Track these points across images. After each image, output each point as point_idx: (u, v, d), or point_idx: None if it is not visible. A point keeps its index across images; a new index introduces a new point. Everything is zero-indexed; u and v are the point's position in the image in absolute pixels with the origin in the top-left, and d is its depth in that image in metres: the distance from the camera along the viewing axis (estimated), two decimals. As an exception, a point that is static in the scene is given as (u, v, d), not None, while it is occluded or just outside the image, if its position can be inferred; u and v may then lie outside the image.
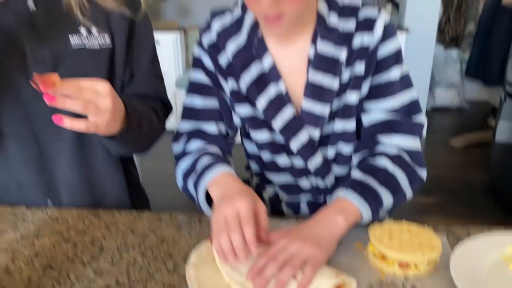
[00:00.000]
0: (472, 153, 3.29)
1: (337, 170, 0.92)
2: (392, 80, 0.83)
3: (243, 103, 0.86)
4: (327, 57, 0.81)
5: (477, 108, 4.37)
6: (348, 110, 0.84)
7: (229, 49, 0.84)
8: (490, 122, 3.80)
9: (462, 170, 3.02)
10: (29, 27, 0.81)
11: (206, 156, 0.83)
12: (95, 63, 0.85)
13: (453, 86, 4.29)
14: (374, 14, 0.81)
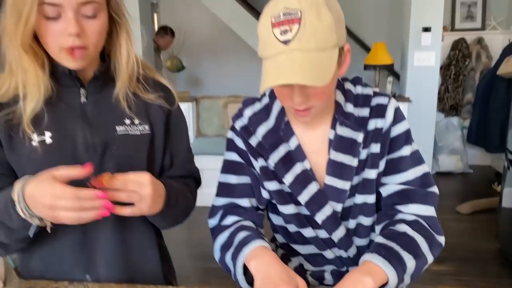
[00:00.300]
0: (480, 219, 3.31)
1: (358, 242, 0.99)
2: (404, 156, 0.93)
3: (271, 180, 0.95)
4: (346, 139, 0.91)
5: (481, 173, 4.44)
6: (368, 185, 0.93)
7: (259, 132, 0.95)
8: (495, 187, 3.85)
9: (472, 236, 3.03)
10: (80, 118, 0.91)
11: (243, 230, 0.90)
12: (137, 147, 0.95)
13: (456, 152, 4.40)
14: (385, 101, 0.93)
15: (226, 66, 5.03)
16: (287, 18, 0.75)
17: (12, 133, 0.87)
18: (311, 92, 0.82)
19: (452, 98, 4.52)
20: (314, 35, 0.75)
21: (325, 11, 0.76)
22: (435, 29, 3.40)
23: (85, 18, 0.82)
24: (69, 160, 0.87)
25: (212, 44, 4.97)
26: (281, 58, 0.76)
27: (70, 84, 0.90)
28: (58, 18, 0.81)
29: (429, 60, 3.48)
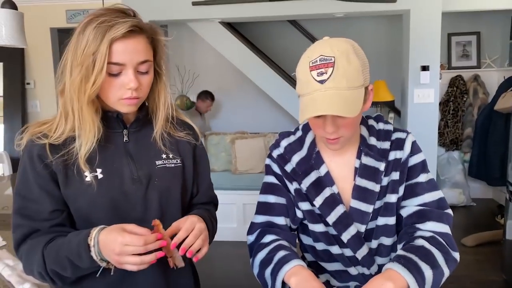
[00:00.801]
0: (485, 251, 3.36)
1: (380, 261, 1.10)
2: (421, 182, 1.07)
3: (304, 201, 1.08)
4: (370, 167, 1.06)
5: (483, 206, 4.51)
6: (389, 208, 1.06)
7: (293, 160, 1.10)
8: (499, 220, 3.91)
9: (477, 268, 3.08)
10: (125, 155, 1.04)
11: (282, 250, 1.01)
12: (173, 178, 1.07)
13: (458, 186, 4.49)
14: (404, 136, 1.10)
15: (232, 104, 5.21)
16: (323, 63, 0.93)
17: (68, 171, 0.97)
18: (341, 123, 0.97)
19: (452, 132, 4.65)
20: (345, 76, 0.92)
21: (353, 57, 0.94)
22: (433, 67, 3.57)
23: (140, 74, 0.97)
24: (118, 192, 0.99)
25: (218, 82, 5.16)
26: (317, 94, 0.93)
27: (116, 127, 1.04)
28: (119, 74, 0.95)
29: (428, 97, 3.63)
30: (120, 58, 0.93)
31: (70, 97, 0.95)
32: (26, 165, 0.98)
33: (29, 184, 0.97)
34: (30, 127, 1.01)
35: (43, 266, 0.93)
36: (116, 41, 0.92)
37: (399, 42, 4.04)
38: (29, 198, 0.97)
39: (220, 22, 4.24)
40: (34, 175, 0.96)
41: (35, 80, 4.29)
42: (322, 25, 5.03)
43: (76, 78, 0.93)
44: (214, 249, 1.45)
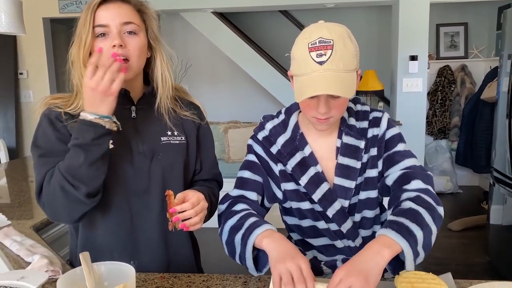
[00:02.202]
0: (470, 235, 3.48)
1: (363, 233, 1.17)
2: (399, 150, 1.13)
3: (289, 181, 1.14)
4: (350, 146, 1.13)
5: (469, 193, 4.63)
6: (370, 182, 1.14)
7: (278, 142, 1.15)
8: (484, 206, 4.04)
9: (463, 251, 3.19)
10: (133, 129, 1.11)
11: (252, 216, 1.05)
12: (177, 153, 1.15)
13: (445, 173, 4.60)
14: (379, 114, 1.16)
15: (225, 93, 5.26)
16: (322, 45, 0.98)
17: None
18: (333, 104, 1.03)
19: (440, 121, 4.75)
20: (342, 59, 0.98)
21: (349, 42, 1.00)
22: (421, 57, 3.66)
23: (126, 35, 1.04)
24: (126, 163, 1.08)
25: (211, 73, 5.21)
26: (316, 75, 0.98)
27: (124, 103, 1.10)
28: (106, 36, 1.03)
29: (416, 86, 3.72)
30: (102, 19, 1.03)
31: (75, 70, 1.05)
32: (45, 126, 1.06)
33: (50, 138, 1.04)
34: (46, 98, 1.10)
35: (59, 176, 0.97)
36: (99, 7, 1.03)
37: (389, 32, 4.12)
38: (50, 149, 1.03)
39: (213, 12, 4.27)
40: (54, 132, 1.04)
41: (28, 70, 4.29)
42: (312, 15, 5.08)
43: (74, 49, 1.04)
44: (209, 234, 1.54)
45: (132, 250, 1.11)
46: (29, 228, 1.39)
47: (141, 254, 1.12)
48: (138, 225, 1.11)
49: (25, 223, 1.44)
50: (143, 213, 1.11)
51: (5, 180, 2.37)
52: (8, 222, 1.42)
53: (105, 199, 1.06)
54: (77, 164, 0.96)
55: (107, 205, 1.08)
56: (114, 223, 1.10)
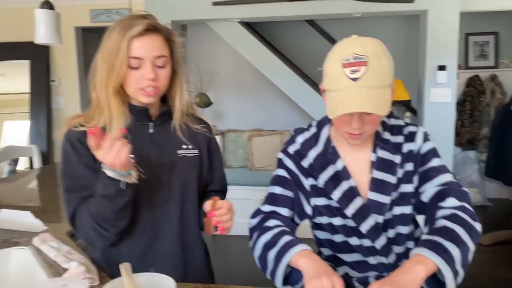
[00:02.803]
0: (501, 250, 3.38)
1: (397, 249, 1.15)
2: (434, 166, 1.12)
3: (320, 196, 1.14)
4: (386, 161, 1.12)
5: (499, 206, 4.51)
6: (405, 197, 1.12)
7: (310, 156, 1.15)
8: (514, 220, 3.92)
9: (493, 266, 3.10)
10: (151, 144, 1.18)
11: (287, 235, 1.06)
12: (192, 165, 1.23)
13: (474, 185, 4.49)
14: (415, 129, 1.16)
15: (249, 101, 5.29)
16: (356, 61, 0.97)
17: None
18: (367, 120, 1.03)
19: (468, 132, 4.65)
20: (376, 75, 0.98)
21: (384, 57, 1.00)
22: (450, 67, 3.59)
23: (157, 68, 1.11)
24: (148, 176, 1.13)
25: (236, 81, 5.25)
26: (349, 91, 0.98)
27: (143, 119, 1.18)
28: (138, 68, 1.09)
29: (445, 97, 3.66)
30: (138, 52, 1.07)
31: (99, 90, 1.11)
32: (68, 149, 1.12)
33: (74, 164, 1.11)
34: (66, 119, 1.16)
35: (89, 219, 1.06)
36: (135, 38, 1.07)
37: (416, 41, 4.06)
38: (75, 176, 1.11)
39: (239, 22, 4.31)
40: (76, 156, 1.11)
41: (59, 78, 4.43)
42: (339, 25, 5.07)
43: (103, 73, 1.09)
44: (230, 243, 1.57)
45: (151, 257, 1.17)
46: (64, 234, 1.43)
47: (159, 261, 1.17)
48: (158, 234, 1.18)
49: (60, 229, 1.48)
50: (163, 222, 1.18)
51: (35, 183, 2.44)
52: (44, 228, 1.47)
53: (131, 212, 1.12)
54: (104, 212, 1.04)
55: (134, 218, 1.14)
56: (136, 232, 1.16)
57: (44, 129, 4.37)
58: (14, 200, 2.00)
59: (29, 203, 1.95)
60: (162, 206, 1.17)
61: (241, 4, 3.82)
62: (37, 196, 2.10)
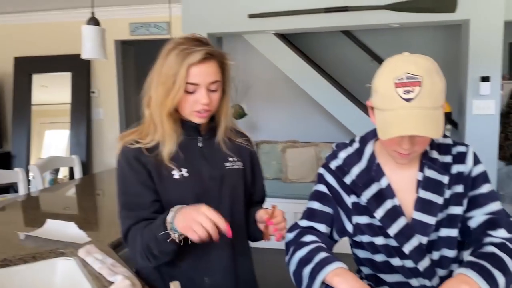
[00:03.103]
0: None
1: (440, 272, 1.10)
2: (484, 192, 1.08)
3: (362, 214, 1.10)
4: (433, 180, 1.08)
5: (547, 224, 4.28)
6: (452, 220, 1.08)
7: (353, 172, 1.12)
8: None
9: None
10: (201, 157, 1.23)
11: (323, 251, 1.04)
12: (239, 177, 1.28)
13: (518, 201, 4.29)
14: (464, 149, 1.11)
15: (283, 113, 5.28)
16: (410, 81, 0.94)
17: (160, 170, 1.17)
18: (417, 141, 1.00)
19: (512, 146, 4.46)
20: (430, 96, 0.94)
21: (437, 77, 0.96)
22: (494, 78, 3.46)
23: (210, 92, 1.16)
24: (200, 188, 1.19)
25: (270, 92, 5.25)
26: (402, 112, 0.95)
27: (193, 135, 1.24)
28: (193, 92, 1.15)
29: (488, 109, 3.52)
30: (195, 79, 1.13)
31: (154, 110, 1.17)
32: (124, 167, 1.18)
33: (130, 182, 1.17)
34: (122, 136, 1.22)
35: (141, 245, 1.10)
36: (193, 65, 1.11)
37: (456, 52, 3.95)
38: (132, 193, 1.17)
39: (274, 33, 4.33)
40: (132, 174, 1.16)
41: (99, 89, 4.57)
42: (375, 35, 5.00)
43: (160, 94, 1.14)
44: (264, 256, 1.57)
45: (204, 267, 1.20)
46: (107, 245, 1.45)
47: (213, 271, 1.21)
48: (210, 245, 1.15)
49: (103, 240, 1.50)
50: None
51: (74, 191, 2.51)
52: (88, 239, 1.49)
53: None
54: (154, 249, 1.09)
55: None
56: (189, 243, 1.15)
57: (84, 140, 4.51)
58: (56, 209, 2.06)
59: (67, 210, 2.00)
60: None
61: (277, 16, 3.83)
62: (74, 203, 2.15)
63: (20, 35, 4.66)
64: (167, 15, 4.05)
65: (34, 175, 2.68)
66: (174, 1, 3.90)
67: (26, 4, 4.20)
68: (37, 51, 4.61)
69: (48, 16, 4.54)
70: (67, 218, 1.81)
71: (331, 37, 5.10)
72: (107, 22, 4.29)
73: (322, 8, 3.71)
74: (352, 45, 5.00)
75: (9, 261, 1.33)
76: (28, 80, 4.62)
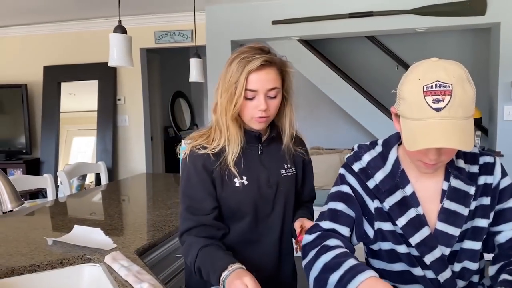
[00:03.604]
0: None
1: (460, 283, 1.06)
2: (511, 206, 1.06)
3: (385, 221, 1.06)
4: (459, 191, 1.04)
5: None
6: (477, 232, 1.04)
7: (377, 177, 1.08)
8: None
9: None
10: (260, 165, 1.30)
11: (351, 258, 0.97)
12: (291, 184, 1.34)
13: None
14: (492, 160, 1.07)
15: (307, 119, 5.24)
16: (439, 89, 0.89)
17: (223, 177, 1.24)
18: (445, 151, 0.95)
19: (546, 152, 4.29)
20: (461, 106, 0.89)
21: (468, 85, 0.90)
22: (526, 83, 3.36)
23: (269, 98, 1.21)
24: (257, 194, 1.26)
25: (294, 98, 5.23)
26: (432, 122, 0.89)
27: (254, 142, 1.30)
28: (253, 99, 1.20)
29: (521, 114, 3.41)
30: (254, 85, 1.18)
31: (220, 115, 1.23)
32: (191, 172, 1.25)
33: (195, 188, 1.25)
34: (191, 139, 1.29)
35: (193, 262, 1.19)
36: (252, 72, 1.17)
37: (485, 56, 3.85)
38: (195, 198, 1.25)
39: (298, 40, 4.31)
40: (198, 181, 1.24)
41: (125, 97, 4.64)
42: (400, 40, 4.93)
43: (224, 101, 1.21)
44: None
45: (252, 264, 1.20)
46: (133, 252, 1.45)
47: (260, 267, 1.24)
48: (259, 245, 1.29)
49: (128, 247, 1.50)
50: (267, 234, 1.30)
51: (100, 197, 2.54)
52: (114, 245, 1.49)
53: (238, 224, 1.27)
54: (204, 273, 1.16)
55: (240, 228, 1.27)
56: (240, 243, 1.28)
57: (110, 146, 4.58)
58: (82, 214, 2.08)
59: (93, 216, 2.02)
60: (265, 220, 1.29)
61: (301, 22, 3.82)
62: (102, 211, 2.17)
63: (49, 44, 4.79)
64: (192, 23, 4.09)
65: (62, 181, 2.73)
66: (199, 9, 3.94)
67: (55, 14, 4.32)
68: (66, 59, 4.73)
69: (76, 26, 4.66)
70: (93, 223, 1.83)
71: (354, 42, 5.05)
72: (133, 30, 4.36)
73: (347, 14, 3.68)
74: (377, 50, 4.94)
75: (37, 266, 1.34)
76: (57, 88, 4.74)
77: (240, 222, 1.27)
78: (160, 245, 1.68)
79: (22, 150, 4.80)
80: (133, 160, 4.69)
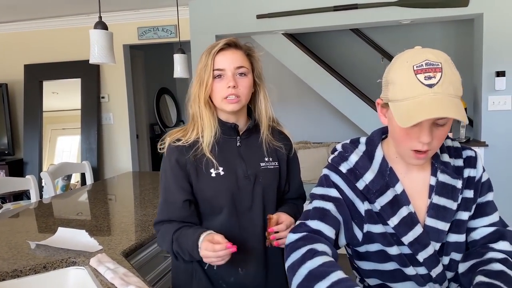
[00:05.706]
0: None
1: (449, 275, 1.07)
2: (490, 201, 1.07)
3: (376, 223, 1.02)
4: (447, 185, 1.03)
5: None
6: (460, 225, 1.04)
7: (367, 177, 1.03)
8: None
9: None
10: (238, 156, 1.29)
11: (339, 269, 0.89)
12: (272, 178, 1.32)
13: (538, 198, 4.18)
14: (473, 154, 1.09)
15: (294, 114, 5.23)
16: (430, 67, 0.89)
17: (198, 168, 1.26)
18: (436, 134, 0.94)
19: (529, 141, 4.35)
20: (452, 84, 0.89)
21: (454, 68, 0.92)
22: (509, 73, 3.39)
23: (238, 76, 1.24)
24: (234, 186, 1.26)
25: (280, 93, 5.22)
26: (425, 98, 0.88)
27: (232, 134, 1.30)
28: (221, 77, 1.24)
29: (504, 104, 3.45)
30: (220, 65, 1.23)
31: (193, 104, 1.27)
32: (167, 166, 1.28)
33: (169, 182, 1.27)
34: (170, 134, 1.32)
35: (170, 246, 1.22)
36: (218, 53, 1.24)
37: (469, 47, 3.88)
38: (169, 190, 1.27)
39: (283, 34, 4.29)
40: (171, 174, 1.26)
41: (109, 94, 4.57)
42: (385, 32, 4.94)
43: (196, 88, 1.26)
44: None
45: (240, 260, 1.25)
46: (119, 254, 1.42)
47: (247, 263, 1.28)
48: (245, 238, 1.27)
49: (114, 248, 1.47)
50: (249, 228, 1.29)
51: (85, 197, 2.49)
52: (99, 247, 1.46)
53: (217, 218, 1.27)
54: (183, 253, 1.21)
55: (220, 222, 1.27)
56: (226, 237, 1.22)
57: (95, 145, 4.51)
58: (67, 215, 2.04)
59: (80, 216, 1.98)
60: (246, 213, 1.28)
61: (285, 16, 3.79)
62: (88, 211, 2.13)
63: (30, 42, 4.69)
64: (175, 18, 4.03)
65: (45, 182, 2.67)
66: (182, 4, 3.88)
67: (35, 11, 4.22)
68: (47, 58, 4.63)
69: (57, 23, 4.56)
70: (79, 225, 1.80)
71: (339, 35, 5.05)
72: (115, 26, 4.31)
73: (331, 7, 3.67)
74: (361, 43, 4.95)
75: (19, 271, 1.31)
76: (39, 87, 4.64)
77: (219, 215, 1.27)
78: (148, 245, 1.65)
79: (5, 151, 4.70)
80: (119, 158, 4.63)
